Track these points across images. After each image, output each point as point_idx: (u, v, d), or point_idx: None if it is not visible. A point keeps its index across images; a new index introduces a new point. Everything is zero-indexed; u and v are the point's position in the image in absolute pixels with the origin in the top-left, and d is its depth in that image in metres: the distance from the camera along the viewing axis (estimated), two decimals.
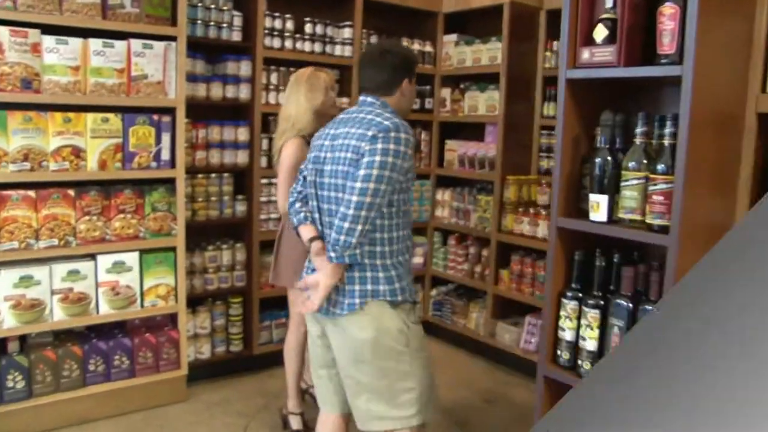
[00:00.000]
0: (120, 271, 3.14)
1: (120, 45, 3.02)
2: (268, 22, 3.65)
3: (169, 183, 3.26)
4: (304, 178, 2.24)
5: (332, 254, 1.97)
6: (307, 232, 2.14)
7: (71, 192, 2.99)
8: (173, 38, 3.16)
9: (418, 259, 4.56)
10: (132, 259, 3.17)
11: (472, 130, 4.43)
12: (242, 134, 3.65)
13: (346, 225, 1.93)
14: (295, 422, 3.15)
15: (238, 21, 3.58)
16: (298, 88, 2.97)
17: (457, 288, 4.61)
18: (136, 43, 3.05)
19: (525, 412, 3.49)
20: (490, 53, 4.09)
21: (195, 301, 3.62)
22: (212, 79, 3.54)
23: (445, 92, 4.46)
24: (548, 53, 4.00)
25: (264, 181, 3.75)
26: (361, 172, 1.93)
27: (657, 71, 1.84)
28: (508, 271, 4.06)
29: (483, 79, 4.20)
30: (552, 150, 4.06)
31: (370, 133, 1.95)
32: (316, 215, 2.14)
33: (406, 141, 1.97)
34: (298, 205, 2.21)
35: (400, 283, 2.06)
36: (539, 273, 3.85)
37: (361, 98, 2.16)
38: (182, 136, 3.25)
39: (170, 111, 3.21)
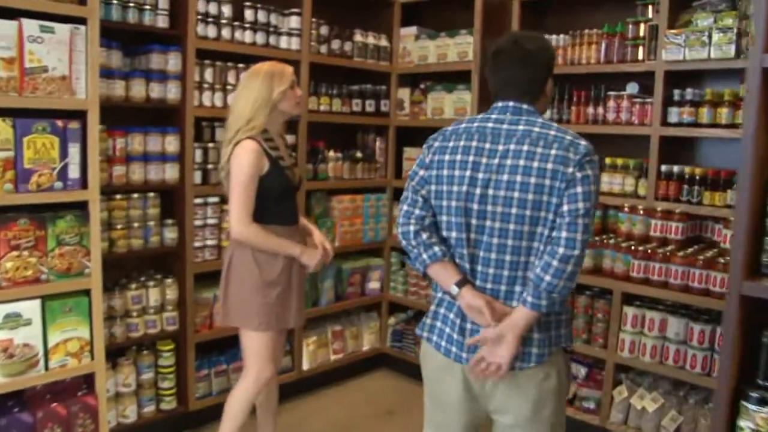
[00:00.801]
0: (15, 326, 2.37)
1: (8, 26, 2.26)
2: (201, 6, 2.98)
3: (80, 208, 2.52)
4: (424, 199, 1.83)
5: (543, 302, 1.67)
6: (448, 273, 1.76)
7: None
8: (82, 21, 2.43)
9: (374, 284, 4.00)
10: (31, 309, 2.41)
11: None
12: (171, 144, 2.95)
13: (570, 268, 1.65)
14: None
15: (164, 3, 2.88)
16: (256, 79, 2.46)
17: (417, 315, 4.08)
18: (30, 25, 2.31)
19: None
20: (459, 48, 3.59)
21: (116, 353, 2.90)
22: (132, 74, 2.83)
23: (403, 93, 3.92)
24: None
25: (198, 200, 3.07)
26: (581, 204, 1.65)
27: None
28: None
29: (448, 78, 3.70)
30: None
31: (573, 156, 1.67)
32: (462, 250, 1.76)
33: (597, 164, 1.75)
34: (425, 235, 1.80)
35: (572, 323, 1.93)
36: None
37: (510, 104, 1.80)
38: (96, 147, 2.52)
39: (80, 115, 2.48)
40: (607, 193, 3.20)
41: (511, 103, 1.80)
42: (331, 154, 3.68)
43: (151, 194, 2.94)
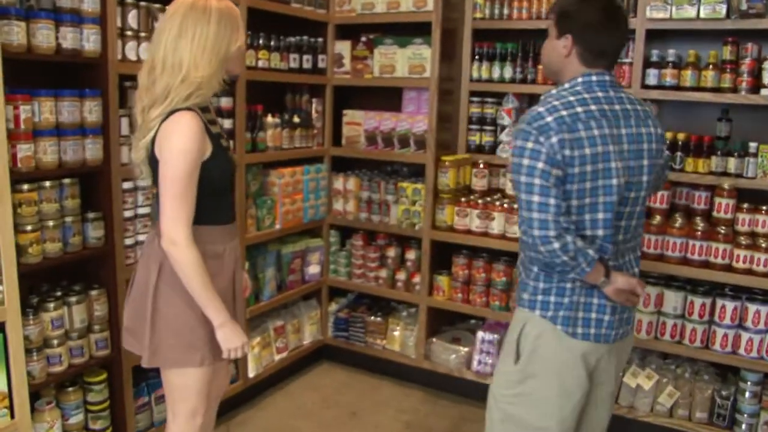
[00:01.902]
0: None
1: None
2: None
3: None
4: (561, 200, 1.61)
5: None
6: (598, 268, 1.64)
7: None
8: None
9: (314, 268, 3.49)
10: None
11: (380, 98, 3.44)
12: (92, 112, 2.20)
13: None
14: None
15: None
16: (205, 20, 1.71)
17: (358, 298, 3.66)
18: None
19: None
20: None
21: (32, 397, 2.14)
22: (35, 15, 2.02)
23: (342, 47, 3.38)
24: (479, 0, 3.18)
25: (127, 185, 2.37)
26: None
27: None
28: (449, 277, 3.24)
29: (399, 30, 3.23)
30: (486, 122, 3.29)
31: (660, 131, 1.77)
32: (608, 245, 1.67)
33: None
34: (579, 243, 1.61)
35: None
36: (497, 279, 3.09)
37: (606, 78, 1.70)
38: (1, 117, 1.77)
39: None
40: None
41: (607, 78, 1.70)
42: (269, 119, 3.07)
43: (67, 180, 2.18)
